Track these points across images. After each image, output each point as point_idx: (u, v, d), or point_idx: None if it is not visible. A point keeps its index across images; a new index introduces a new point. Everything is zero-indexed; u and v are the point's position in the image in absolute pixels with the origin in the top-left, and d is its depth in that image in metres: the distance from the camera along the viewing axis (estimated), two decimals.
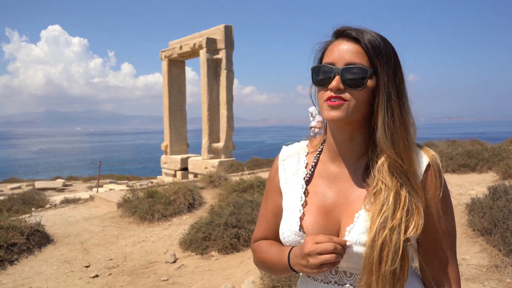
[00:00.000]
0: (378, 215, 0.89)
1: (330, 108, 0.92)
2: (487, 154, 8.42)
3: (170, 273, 4.44)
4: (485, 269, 3.54)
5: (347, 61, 0.92)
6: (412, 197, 0.90)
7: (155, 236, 5.58)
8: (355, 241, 0.91)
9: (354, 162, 1.01)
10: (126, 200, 6.82)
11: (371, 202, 0.92)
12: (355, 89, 0.91)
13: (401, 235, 0.87)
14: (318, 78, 0.96)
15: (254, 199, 5.56)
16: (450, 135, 19.07)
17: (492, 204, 4.21)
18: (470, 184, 6.70)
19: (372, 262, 0.87)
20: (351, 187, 0.99)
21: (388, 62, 0.92)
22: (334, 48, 0.95)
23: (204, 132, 13.15)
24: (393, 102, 0.91)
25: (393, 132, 0.91)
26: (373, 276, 0.87)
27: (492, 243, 3.88)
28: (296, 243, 0.98)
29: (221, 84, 12.95)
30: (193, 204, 6.66)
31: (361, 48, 0.92)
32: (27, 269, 4.66)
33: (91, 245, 5.37)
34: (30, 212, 7.16)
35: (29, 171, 35.38)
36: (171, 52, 14.29)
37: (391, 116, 0.91)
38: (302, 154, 1.11)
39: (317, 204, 1.01)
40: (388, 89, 0.91)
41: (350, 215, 0.96)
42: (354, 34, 0.93)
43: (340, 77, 0.91)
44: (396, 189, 0.90)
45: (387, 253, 0.86)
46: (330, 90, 0.92)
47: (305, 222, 0.99)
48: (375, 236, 0.87)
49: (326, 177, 1.04)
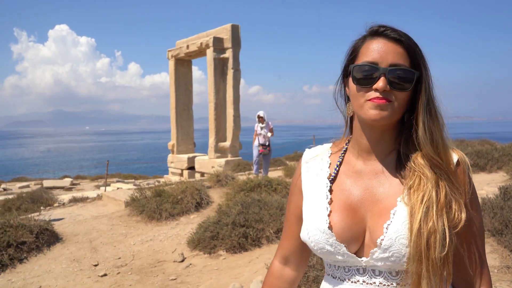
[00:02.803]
0: (421, 204, 0.88)
1: (376, 107, 0.91)
2: (497, 154, 8.34)
3: (178, 272, 4.45)
4: (496, 270, 3.50)
5: (391, 61, 0.91)
6: (451, 191, 0.90)
7: (163, 235, 5.59)
8: (395, 237, 0.89)
9: (382, 159, 1.00)
10: (134, 199, 6.85)
11: (408, 195, 0.91)
12: (401, 91, 0.91)
13: (445, 221, 0.87)
14: (359, 76, 0.93)
15: (262, 198, 5.55)
16: (459, 134, 18.92)
17: (503, 204, 4.16)
18: (480, 184, 6.64)
19: (420, 251, 0.85)
20: (378, 184, 0.98)
21: (426, 65, 0.94)
22: (373, 47, 0.93)
23: (211, 131, 13.16)
24: (432, 104, 0.93)
25: (432, 132, 0.92)
26: (423, 264, 0.85)
27: (503, 244, 3.84)
28: (324, 242, 0.97)
29: (228, 84, 12.94)
30: (200, 203, 6.67)
31: (403, 50, 0.92)
32: (36, 267, 4.69)
33: (99, 244, 5.40)
34: (39, 211, 7.22)
35: (37, 170, 35.71)
36: (178, 51, 14.32)
37: (431, 117, 0.93)
38: (325, 155, 1.10)
39: (343, 201, 1.00)
40: (429, 91, 0.93)
41: (383, 212, 0.94)
42: (395, 35, 0.92)
43: (386, 78, 0.90)
44: (436, 180, 0.90)
45: (434, 240, 0.85)
46: (375, 90, 0.91)
47: (332, 220, 0.97)
48: (420, 224, 0.86)
49: (352, 175, 1.02)
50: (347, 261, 0.97)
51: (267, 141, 9.48)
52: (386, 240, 0.90)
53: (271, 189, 6.71)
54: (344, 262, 0.97)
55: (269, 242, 4.82)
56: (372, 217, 0.95)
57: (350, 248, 0.95)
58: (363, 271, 0.96)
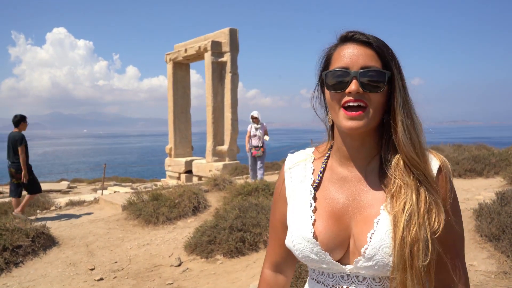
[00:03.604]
0: (403, 212, 0.88)
1: (349, 118, 0.91)
2: (494, 159, 8.36)
3: (175, 276, 4.43)
4: (493, 276, 3.50)
5: (361, 64, 0.91)
6: (431, 194, 0.91)
7: (160, 239, 5.57)
8: (379, 247, 0.89)
9: (365, 165, 1.00)
10: (131, 203, 6.82)
11: (390, 203, 0.91)
12: (374, 92, 0.91)
13: (428, 229, 0.87)
14: (332, 83, 0.94)
15: (259, 203, 5.54)
16: (455, 139, 18.95)
17: (500, 209, 4.17)
18: (477, 189, 6.65)
19: (404, 260, 0.86)
20: (362, 190, 0.98)
21: (398, 65, 0.94)
22: (343, 52, 0.94)
23: (209, 135, 13.14)
24: (407, 104, 0.94)
25: (411, 132, 0.93)
26: (407, 273, 0.86)
27: (500, 249, 3.84)
28: (308, 250, 0.96)
29: (226, 87, 12.95)
30: (197, 207, 6.65)
31: (373, 52, 0.93)
32: (32, 271, 4.66)
33: (96, 248, 5.37)
34: (36, 214, 7.18)
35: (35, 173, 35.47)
36: (176, 55, 14.33)
37: (408, 118, 0.93)
38: (308, 161, 1.10)
39: (327, 209, 0.99)
40: (403, 91, 0.94)
41: (367, 220, 0.94)
42: (364, 38, 0.93)
43: (358, 81, 0.91)
44: (416, 186, 0.91)
45: (417, 249, 0.86)
46: (348, 94, 0.91)
47: (317, 229, 0.97)
48: (403, 233, 0.86)
49: (336, 181, 1.02)
50: (332, 269, 0.97)
51: (260, 142, 8.95)
52: (370, 249, 0.90)
53: (269, 193, 6.71)
54: (329, 269, 0.98)
55: (266, 247, 4.80)
56: (357, 225, 0.95)
57: (335, 255, 0.96)
58: (347, 277, 0.97)
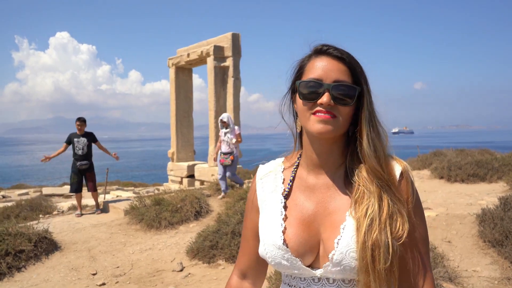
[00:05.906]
0: (365, 218, 0.92)
1: (320, 121, 0.95)
2: (497, 163, 8.32)
3: (177, 281, 4.42)
4: (496, 282, 3.48)
5: (334, 78, 0.96)
6: (394, 203, 0.95)
7: (162, 244, 5.57)
8: (345, 251, 0.94)
9: (332, 173, 1.05)
10: (133, 207, 6.83)
11: (354, 209, 0.96)
12: (344, 105, 0.96)
13: (389, 234, 0.91)
14: (305, 92, 0.98)
15: None
16: (458, 144, 18.86)
17: (503, 215, 4.15)
18: (480, 194, 6.62)
19: (367, 263, 0.90)
20: (330, 197, 1.02)
21: (367, 81, 1.00)
22: (317, 64, 0.99)
23: (211, 139, 13.15)
24: (373, 118, 0.99)
25: (375, 144, 0.98)
26: (370, 275, 0.90)
27: (503, 255, 3.82)
28: (280, 257, 1.01)
29: (228, 92, 12.98)
30: (200, 212, 6.65)
31: (345, 67, 0.98)
32: (34, 276, 4.67)
33: (98, 252, 5.37)
34: (38, 219, 7.19)
35: (37, 177, 35.61)
36: (179, 59, 14.38)
37: (373, 130, 0.98)
38: (278, 171, 1.14)
39: (297, 217, 1.04)
40: (370, 106, 0.99)
41: (334, 226, 0.98)
42: (338, 54, 0.98)
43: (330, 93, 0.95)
44: (379, 193, 0.95)
45: (378, 253, 0.90)
46: (319, 105, 0.96)
47: (287, 235, 1.01)
48: (365, 237, 0.91)
49: (305, 189, 1.07)
50: (303, 273, 1.01)
51: (232, 149, 7.73)
52: (337, 254, 0.94)
53: None
54: (301, 274, 1.02)
55: None
56: (325, 231, 1.00)
57: (306, 260, 1.00)
58: (318, 280, 1.01)
